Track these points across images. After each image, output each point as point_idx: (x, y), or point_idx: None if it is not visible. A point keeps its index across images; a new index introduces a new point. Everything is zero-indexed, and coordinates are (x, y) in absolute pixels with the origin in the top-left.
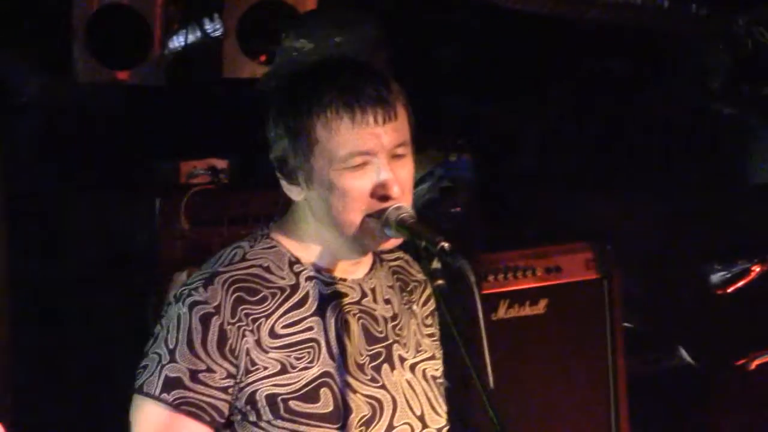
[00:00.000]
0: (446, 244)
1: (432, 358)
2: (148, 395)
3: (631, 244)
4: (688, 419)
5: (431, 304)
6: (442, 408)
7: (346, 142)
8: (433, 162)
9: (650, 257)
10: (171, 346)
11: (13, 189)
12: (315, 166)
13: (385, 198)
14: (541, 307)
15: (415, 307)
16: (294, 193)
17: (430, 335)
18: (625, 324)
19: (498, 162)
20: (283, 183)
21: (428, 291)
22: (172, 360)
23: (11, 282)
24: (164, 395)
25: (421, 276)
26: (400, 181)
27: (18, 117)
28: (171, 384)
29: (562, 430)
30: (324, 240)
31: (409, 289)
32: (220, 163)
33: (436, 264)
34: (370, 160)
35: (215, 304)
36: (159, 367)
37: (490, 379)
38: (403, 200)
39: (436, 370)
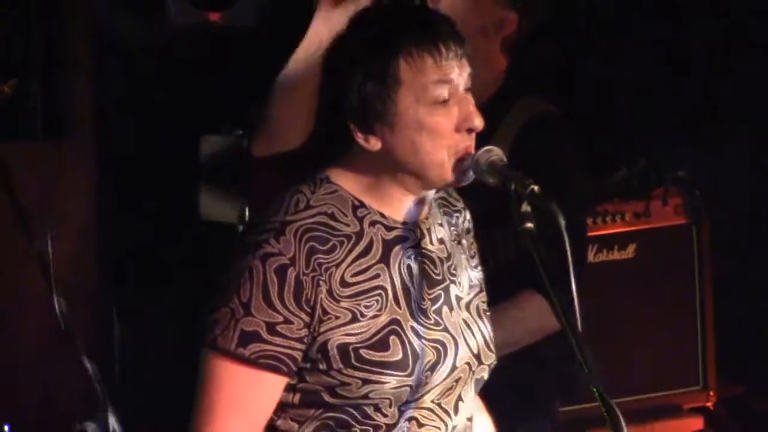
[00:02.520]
0: (536, 187)
1: (481, 290)
2: (223, 350)
3: (722, 190)
4: None
5: (471, 231)
6: (494, 344)
7: (432, 77)
8: (527, 112)
9: (743, 203)
10: (245, 300)
11: (105, 136)
12: (400, 108)
13: (470, 130)
14: (629, 251)
15: (463, 241)
16: (371, 142)
17: (476, 266)
18: None
19: (591, 108)
20: (358, 134)
21: (467, 217)
22: (247, 314)
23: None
24: (240, 350)
25: (460, 204)
26: (479, 114)
27: (112, 60)
28: (248, 338)
29: (649, 374)
30: (394, 183)
31: (453, 221)
32: None
33: (525, 207)
34: (453, 93)
35: (290, 255)
36: (233, 321)
37: (579, 322)
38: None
39: (485, 302)
